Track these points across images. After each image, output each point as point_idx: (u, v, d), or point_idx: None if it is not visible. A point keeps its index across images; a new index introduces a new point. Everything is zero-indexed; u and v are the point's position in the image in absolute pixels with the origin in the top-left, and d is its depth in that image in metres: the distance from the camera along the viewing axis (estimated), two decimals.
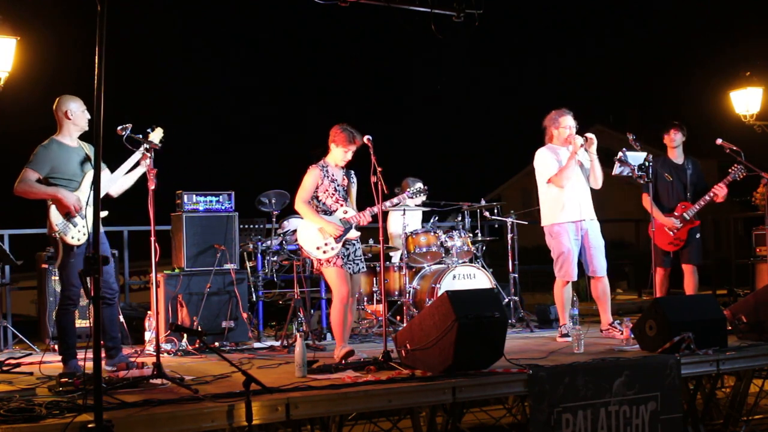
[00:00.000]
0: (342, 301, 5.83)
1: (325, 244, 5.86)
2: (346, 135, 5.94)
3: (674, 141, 7.57)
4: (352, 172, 6.16)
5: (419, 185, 6.79)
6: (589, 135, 6.68)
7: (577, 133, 6.75)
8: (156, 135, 5.58)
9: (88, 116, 5.60)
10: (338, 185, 6.02)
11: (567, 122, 6.78)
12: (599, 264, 6.75)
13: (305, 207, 5.94)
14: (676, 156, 7.61)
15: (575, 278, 6.76)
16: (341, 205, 5.99)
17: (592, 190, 6.87)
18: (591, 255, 6.74)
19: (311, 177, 5.96)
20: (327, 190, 5.97)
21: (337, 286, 5.85)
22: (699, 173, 7.61)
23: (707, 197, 7.37)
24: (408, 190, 6.44)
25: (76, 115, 5.62)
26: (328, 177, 5.98)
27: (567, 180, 6.66)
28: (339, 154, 5.98)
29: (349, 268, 5.92)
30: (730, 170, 7.46)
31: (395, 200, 6.16)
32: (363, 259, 6.10)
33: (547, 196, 6.80)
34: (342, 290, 5.83)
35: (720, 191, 7.36)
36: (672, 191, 7.50)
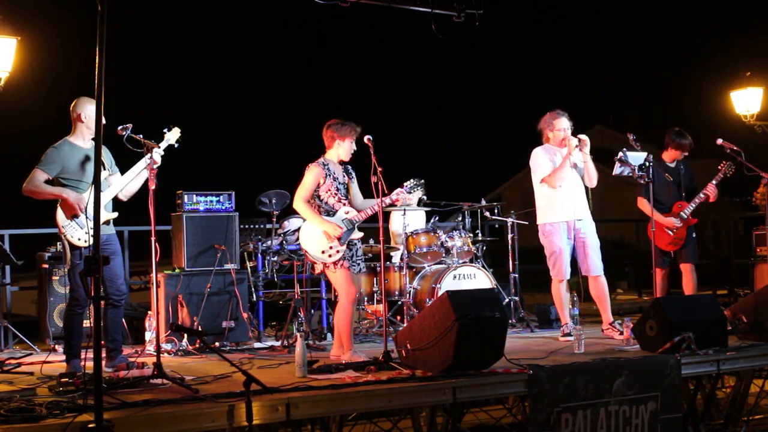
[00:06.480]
0: (351, 302, 5.78)
1: (330, 247, 5.78)
2: (348, 127, 5.94)
3: (681, 155, 7.58)
4: (350, 167, 6.11)
5: (413, 179, 6.35)
6: (582, 136, 6.74)
7: (572, 133, 6.79)
8: (173, 135, 5.65)
9: (104, 121, 5.55)
10: (340, 183, 5.96)
11: (561, 125, 6.82)
12: (593, 263, 6.78)
13: (305, 206, 5.86)
14: (670, 158, 7.63)
15: (568, 276, 6.81)
16: (343, 204, 5.93)
17: (590, 190, 6.91)
18: (584, 254, 6.78)
19: (312, 175, 5.88)
20: (329, 189, 5.89)
21: (346, 288, 5.80)
22: (691, 174, 7.64)
23: (701, 195, 7.42)
24: (405, 184, 6.19)
25: (90, 118, 5.58)
26: (330, 175, 5.90)
27: (560, 181, 6.71)
28: (347, 147, 5.94)
29: (354, 269, 5.87)
30: (719, 167, 7.50)
31: (394, 195, 6.02)
32: (363, 260, 6.07)
33: (541, 196, 6.86)
34: (351, 291, 5.78)
35: (711, 192, 7.40)
36: (668, 191, 7.52)
